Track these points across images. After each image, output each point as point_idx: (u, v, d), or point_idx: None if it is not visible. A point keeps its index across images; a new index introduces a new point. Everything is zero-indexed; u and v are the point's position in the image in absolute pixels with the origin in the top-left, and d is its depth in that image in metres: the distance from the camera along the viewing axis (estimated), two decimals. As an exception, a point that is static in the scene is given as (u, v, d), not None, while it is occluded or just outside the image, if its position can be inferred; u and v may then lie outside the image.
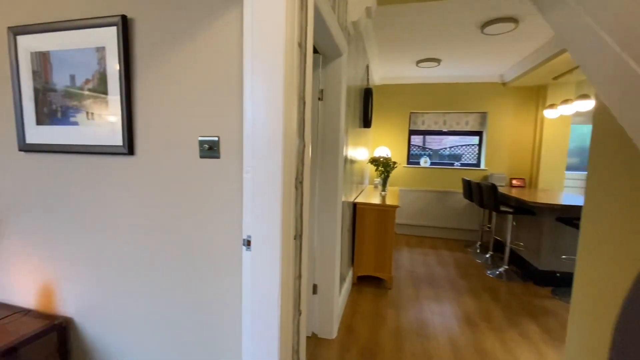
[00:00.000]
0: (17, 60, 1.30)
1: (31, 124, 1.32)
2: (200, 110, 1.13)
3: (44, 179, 1.36)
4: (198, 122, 1.14)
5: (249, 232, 1.04)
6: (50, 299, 1.42)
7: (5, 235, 1.46)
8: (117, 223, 1.28)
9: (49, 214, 1.38)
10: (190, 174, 1.17)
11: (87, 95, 1.23)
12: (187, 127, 1.15)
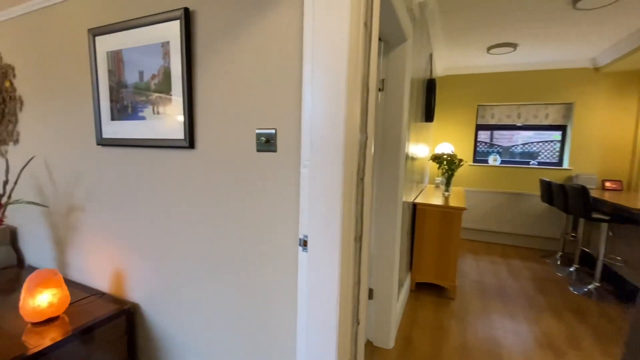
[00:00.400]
0: (95, 60, 1.40)
1: (107, 120, 1.41)
2: (257, 101, 1.08)
3: (116, 171, 1.45)
4: (255, 113, 1.09)
5: (305, 232, 0.95)
6: (120, 284, 1.52)
7: (86, 222, 1.59)
8: (178, 215, 1.30)
9: (119, 204, 1.46)
10: (246, 168, 1.13)
11: (154, 90, 1.26)
12: (244, 119, 1.11)
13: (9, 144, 1.88)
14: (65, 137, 1.60)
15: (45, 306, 1.26)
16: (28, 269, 1.82)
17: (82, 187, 1.58)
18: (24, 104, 1.76)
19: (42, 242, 1.81)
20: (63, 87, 1.57)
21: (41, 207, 1.72)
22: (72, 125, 1.57)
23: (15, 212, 1.92)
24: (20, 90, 1.76)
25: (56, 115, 1.63)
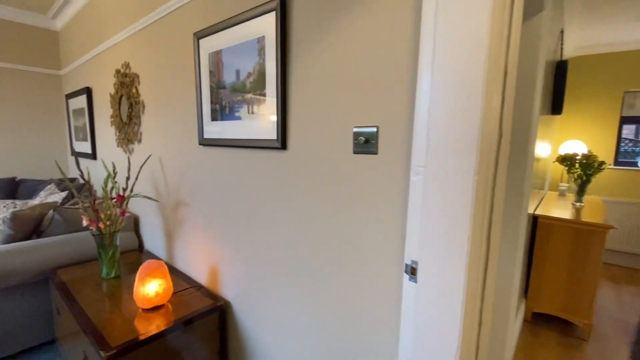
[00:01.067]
0: (199, 62, 1.44)
1: (207, 120, 1.45)
2: (355, 95, 0.92)
3: (214, 170, 1.48)
4: (353, 109, 0.93)
5: (414, 257, 0.75)
6: (215, 280, 1.56)
7: (190, 217, 1.69)
8: (267, 218, 1.25)
9: (216, 202, 1.49)
10: (341, 172, 0.98)
11: (249, 89, 1.22)
12: (340, 116, 0.97)
13: (135, 143, 2.16)
14: (175, 137, 1.73)
15: (153, 295, 1.36)
16: (146, 254, 2.06)
17: (187, 184, 1.68)
18: (146, 107, 1.98)
19: (156, 231, 2.03)
20: (174, 91, 1.70)
21: (155, 200, 1.90)
22: (180, 126, 1.68)
23: (137, 203, 2.20)
24: (143, 96, 1.99)
25: (168, 116, 1.77)
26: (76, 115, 3.15)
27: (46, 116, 3.41)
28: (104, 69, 2.48)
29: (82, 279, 1.68)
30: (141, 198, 1.72)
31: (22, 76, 3.22)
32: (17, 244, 1.76)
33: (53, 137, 3.48)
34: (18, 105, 3.23)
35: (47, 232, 1.94)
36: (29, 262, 1.73)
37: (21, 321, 1.75)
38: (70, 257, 1.87)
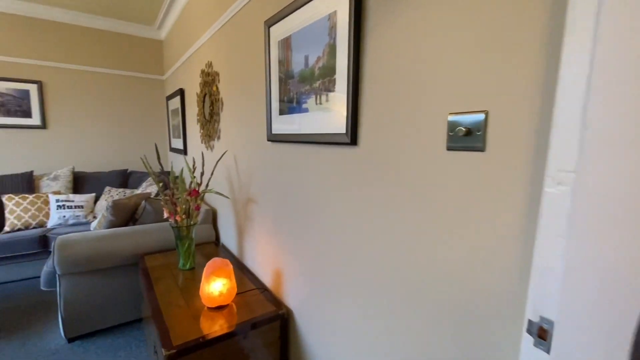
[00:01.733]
0: (269, 52, 1.35)
1: (275, 115, 1.35)
2: (452, 63, 0.67)
3: (280, 168, 1.38)
4: (448, 87, 0.68)
5: (547, 312, 0.48)
6: (279, 284, 1.47)
7: (258, 215, 1.64)
8: (334, 223, 1.08)
9: (282, 202, 1.39)
10: (427, 175, 0.75)
11: (318, 76, 1.07)
12: (428, 98, 0.73)
13: (215, 140, 2.23)
14: (247, 134, 1.70)
15: (217, 294, 1.32)
16: (221, 248, 2.12)
17: (256, 182, 1.63)
18: (224, 104, 2.01)
19: (230, 226, 2.06)
20: (247, 86, 1.66)
21: (226, 197, 1.91)
22: (252, 122, 1.64)
23: (215, 197, 2.28)
24: (222, 93, 2.03)
25: (242, 112, 1.75)
26: (173, 115, 3.50)
27: (152, 116, 3.88)
28: (193, 70, 2.66)
29: (162, 267, 1.78)
30: (216, 193, 1.74)
31: (133, 82, 3.73)
32: (116, 229, 1.97)
33: (156, 134, 3.95)
34: (130, 108, 3.74)
35: (140, 220, 2.14)
36: (124, 246, 1.92)
37: (118, 298, 1.96)
38: (156, 244, 2.03)
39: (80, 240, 1.83)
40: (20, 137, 3.21)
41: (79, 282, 1.84)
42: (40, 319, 2.09)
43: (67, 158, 3.45)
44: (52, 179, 3.13)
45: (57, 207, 2.92)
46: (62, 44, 3.29)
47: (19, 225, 2.75)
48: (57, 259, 1.75)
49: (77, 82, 3.41)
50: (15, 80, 3.12)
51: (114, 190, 3.23)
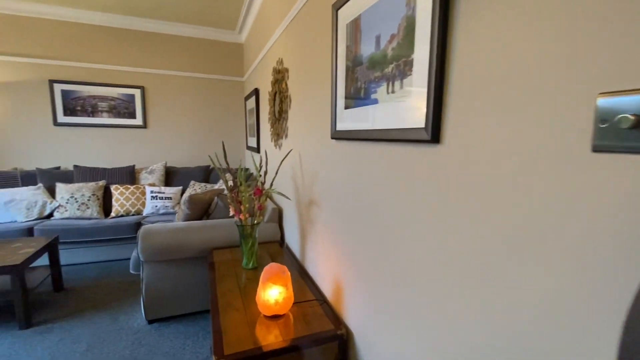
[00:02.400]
0: (336, 39, 1.20)
1: (341, 110, 1.20)
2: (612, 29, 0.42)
3: (345, 169, 1.22)
4: (597, 48, 0.43)
5: None
6: (339, 298, 1.32)
7: (320, 219, 1.51)
8: (409, 238, 0.87)
9: (346, 207, 1.23)
10: (550, 190, 0.50)
11: (391, 58, 0.88)
12: (558, 73, 0.48)
13: (283, 138, 2.19)
14: (312, 131, 1.59)
15: (272, 303, 1.24)
16: (285, 248, 2.07)
17: (319, 183, 1.50)
18: (292, 102, 1.94)
19: (293, 227, 1.99)
20: (313, 80, 1.55)
21: (287, 198, 1.83)
22: (317, 119, 1.52)
23: (280, 196, 2.24)
24: (290, 90, 1.97)
25: (308, 109, 1.65)
26: (249, 114, 3.64)
27: (231, 116, 4.13)
28: (266, 69, 2.68)
29: (227, 263, 1.79)
30: (278, 194, 1.68)
31: (217, 84, 4.00)
32: (190, 223, 2.07)
33: (236, 133, 4.18)
34: (213, 108, 4.03)
35: (213, 215, 2.23)
36: (197, 239, 2.00)
37: (192, 288, 2.06)
38: (225, 240, 2.07)
39: (160, 230, 1.97)
40: (126, 136, 3.72)
41: (159, 269, 1.98)
42: (130, 298, 2.33)
43: (162, 154, 3.89)
44: (149, 172, 3.54)
45: (151, 197, 3.29)
46: (160, 52, 3.70)
47: (121, 211, 3.18)
48: (140, 246, 1.91)
49: (171, 86, 3.80)
50: (125, 86, 3.62)
51: (197, 184, 3.51)
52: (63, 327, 1.98)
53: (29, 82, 3.32)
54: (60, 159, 3.53)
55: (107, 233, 2.91)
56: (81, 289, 2.47)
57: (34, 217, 2.93)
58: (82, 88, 3.49)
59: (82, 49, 3.43)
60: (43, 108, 3.39)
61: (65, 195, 3.03)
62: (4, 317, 2.06)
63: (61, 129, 3.49)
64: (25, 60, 3.27)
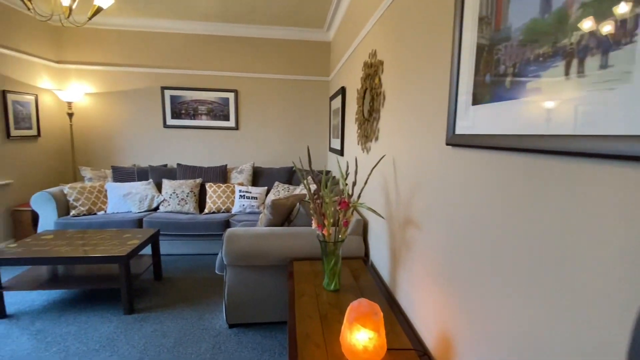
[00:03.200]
0: (461, 11, 0.89)
1: (464, 106, 0.88)
2: None
3: (467, 186, 0.90)
4: None
5: None
6: (446, 354, 1.00)
7: (420, 244, 1.21)
8: (578, 290, 0.53)
9: (463, 235, 0.91)
10: None
11: (578, 18, 0.54)
12: None
13: (372, 141, 1.93)
14: (412, 134, 1.29)
15: (360, 349, 0.99)
16: (370, 267, 1.81)
17: (421, 199, 1.20)
18: (386, 99, 1.67)
19: (381, 245, 1.71)
20: (416, 69, 1.25)
21: (380, 216, 1.56)
22: (420, 118, 1.22)
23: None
24: (384, 85, 1.70)
25: (407, 106, 1.35)
26: (334, 115, 3.48)
27: (316, 117, 4.04)
28: (355, 65, 2.46)
29: (307, 278, 1.63)
30: (368, 209, 1.42)
31: (303, 85, 3.95)
32: (273, 229, 1.98)
33: (319, 134, 4.09)
34: (298, 109, 4.00)
35: (294, 222, 2.10)
36: (277, 247, 1.90)
37: (272, 297, 1.97)
38: (305, 250, 1.92)
39: (243, 235, 1.92)
40: (220, 137, 3.96)
41: (241, 274, 1.94)
42: (215, 297, 2.39)
43: (250, 154, 4.03)
44: (238, 172, 3.69)
45: (240, 196, 3.41)
46: (251, 56, 3.82)
47: (213, 208, 3.36)
48: (224, 250, 1.89)
49: (260, 89, 3.90)
50: (221, 90, 3.85)
51: (280, 185, 3.51)
52: (157, 318, 2.10)
53: (145, 90, 3.78)
54: (168, 157, 3.94)
55: (200, 228, 3.09)
56: (176, 280, 2.64)
57: (144, 209, 3.30)
58: (186, 93, 3.83)
59: (187, 58, 3.76)
60: (155, 112, 3.83)
61: (169, 191, 3.34)
62: (115, 301, 2.30)
63: (169, 130, 3.89)
64: (143, 70, 3.73)
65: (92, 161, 3.85)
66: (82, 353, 1.76)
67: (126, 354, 1.77)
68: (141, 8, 3.27)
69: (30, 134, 3.28)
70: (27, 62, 3.24)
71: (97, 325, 2.01)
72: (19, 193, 3.19)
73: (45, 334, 1.91)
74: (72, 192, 3.12)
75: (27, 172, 3.28)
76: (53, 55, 3.57)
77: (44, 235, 2.40)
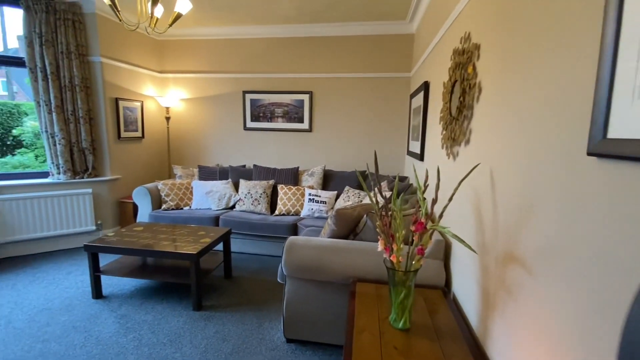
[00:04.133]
0: None
1: (628, 97, 0.53)
2: None
3: (624, 219, 0.54)
4: None
5: None
6: None
7: (527, 291, 0.85)
8: None
9: (614, 297, 0.55)
10: None
11: None
12: None
13: (461, 145, 1.57)
14: (524, 137, 0.93)
15: None
16: (451, 301, 1.46)
17: (536, 230, 0.84)
18: (482, 91, 1.31)
19: (468, 279, 1.35)
20: (534, 52, 0.88)
21: (472, 249, 1.22)
22: (538, 117, 0.85)
23: (450, 224, 1.62)
24: (480, 75, 1.33)
25: (516, 100, 0.99)
26: (415, 114, 3.11)
27: (393, 117, 3.70)
28: (441, 55, 2.09)
29: (371, 305, 1.38)
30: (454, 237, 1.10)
31: (381, 83, 3.66)
32: (336, 242, 1.78)
33: (396, 136, 3.74)
34: (374, 109, 3.72)
35: (360, 235, 1.87)
36: (340, 263, 1.69)
37: (332, 317, 1.77)
38: (371, 270, 1.67)
39: (304, 245, 1.77)
40: (294, 139, 3.94)
41: (301, 287, 1.80)
42: (276, 304, 2.31)
43: (321, 157, 3.92)
44: (309, 174, 3.61)
45: (309, 200, 3.31)
46: (327, 56, 3.69)
47: (283, 210, 3.34)
48: (283, 259, 1.76)
49: (335, 90, 3.75)
50: (297, 92, 3.83)
51: (351, 190, 3.29)
52: (221, 319, 2.10)
53: (229, 94, 3.99)
54: (246, 158, 4.10)
55: (269, 230, 3.09)
56: (244, 280, 2.66)
57: (222, 207, 3.46)
58: (264, 96, 3.92)
59: (266, 61, 3.84)
60: (237, 115, 4.02)
61: (245, 190, 3.44)
62: (188, 295, 2.41)
63: (248, 132, 4.04)
64: (228, 76, 3.95)
65: (183, 160, 4.26)
66: (152, 345, 1.84)
67: (188, 352, 1.78)
68: (226, 17, 3.45)
69: (136, 135, 3.76)
70: (136, 73, 3.72)
71: (169, 317, 2.11)
72: (125, 187, 3.68)
73: (127, 319, 2.08)
74: (165, 188, 3.45)
75: (132, 168, 3.77)
76: (156, 66, 4.04)
77: (136, 227, 2.67)
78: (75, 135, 3.17)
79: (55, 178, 3.17)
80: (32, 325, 2.00)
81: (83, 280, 2.60)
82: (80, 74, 3.09)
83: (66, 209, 3.19)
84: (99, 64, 3.23)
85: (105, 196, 3.44)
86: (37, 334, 1.91)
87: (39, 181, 3.11)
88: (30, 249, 3.11)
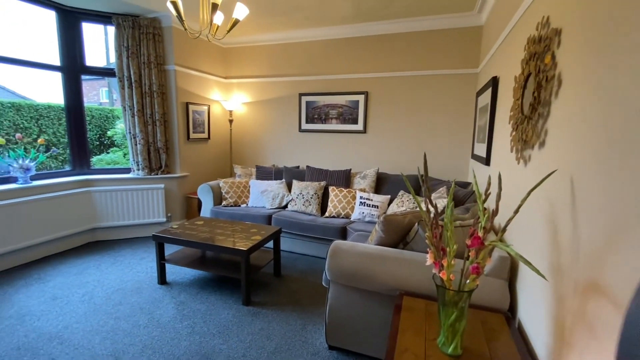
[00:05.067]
0: None
1: None
2: None
3: None
4: None
5: None
6: None
7: (612, 336, 0.67)
8: None
9: None
10: None
11: None
12: None
13: (534, 148, 1.35)
14: (614, 141, 0.74)
15: None
16: (515, 330, 1.25)
17: (629, 257, 0.66)
18: (562, 84, 1.10)
19: (538, 306, 1.14)
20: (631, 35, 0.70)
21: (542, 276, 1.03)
22: (628, 113, 0.67)
23: (515, 239, 1.40)
24: (560, 65, 1.12)
25: (604, 98, 0.80)
26: (481, 113, 2.82)
27: (456, 117, 3.41)
28: (513, 46, 1.84)
29: (417, 322, 1.25)
30: (518, 258, 0.93)
31: (443, 81, 3.40)
32: (383, 249, 1.67)
33: (460, 138, 3.44)
34: (435, 109, 3.47)
35: (411, 245, 1.73)
36: (387, 273, 1.58)
37: (376, 329, 1.68)
38: (420, 284, 1.53)
39: (349, 251, 1.70)
40: (347, 140, 3.88)
41: (344, 294, 1.73)
42: (321, 308, 2.27)
43: (375, 159, 3.79)
44: (361, 177, 3.51)
45: (360, 203, 3.22)
46: (384, 55, 3.56)
47: (333, 213, 3.30)
48: (327, 264, 1.72)
49: (392, 89, 3.60)
50: (351, 93, 3.76)
51: (405, 195, 3.11)
52: (267, 317, 2.14)
53: (286, 97, 4.10)
54: (300, 159, 4.17)
55: (318, 231, 3.08)
56: (292, 279, 2.69)
57: (275, 206, 3.56)
58: (319, 98, 3.94)
59: (322, 63, 3.85)
60: (293, 117, 4.11)
61: (297, 191, 3.49)
62: (238, 290, 2.51)
63: (303, 134, 4.10)
64: (285, 79, 4.06)
65: (243, 160, 4.50)
66: (203, 334, 1.95)
67: (233, 346, 1.85)
68: (284, 21, 3.54)
69: (203, 136, 4.08)
70: (204, 79, 4.04)
71: (220, 309, 2.22)
72: (192, 183, 4.01)
73: (184, 306, 2.24)
74: (225, 185, 3.68)
75: (198, 167, 4.09)
76: (221, 72, 4.34)
77: (197, 221, 2.88)
78: (152, 136, 3.56)
79: (135, 174, 3.60)
80: (108, 302, 2.28)
81: (152, 266, 2.89)
82: (157, 82, 3.46)
83: (143, 202, 3.59)
84: (173, 72, 3.58)
85: (174, 191, 3.79)
86: (111, 311, 2.17)
87: (123, 176, 3.56)
88: (114, 234, 3.57)
